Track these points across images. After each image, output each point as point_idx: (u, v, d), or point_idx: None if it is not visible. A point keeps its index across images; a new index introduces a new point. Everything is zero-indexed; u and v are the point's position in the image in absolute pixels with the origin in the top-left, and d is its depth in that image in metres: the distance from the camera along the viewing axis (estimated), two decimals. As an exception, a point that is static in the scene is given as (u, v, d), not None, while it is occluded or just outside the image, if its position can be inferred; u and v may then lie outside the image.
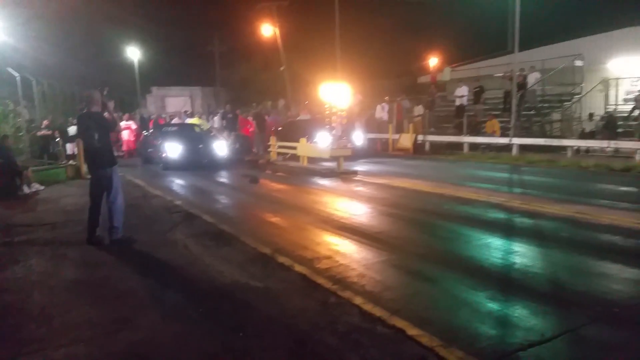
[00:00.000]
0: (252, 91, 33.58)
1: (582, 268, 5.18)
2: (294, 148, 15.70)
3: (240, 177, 13.34)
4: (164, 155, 14.87)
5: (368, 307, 4.11)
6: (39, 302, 4.53)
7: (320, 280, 4.80)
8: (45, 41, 22.74)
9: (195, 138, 16.26)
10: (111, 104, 6.48)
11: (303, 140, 15.31)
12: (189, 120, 21.14)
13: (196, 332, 3.83)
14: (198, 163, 14.77)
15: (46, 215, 8.39)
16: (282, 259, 5.50)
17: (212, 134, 18.76)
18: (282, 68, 30.26)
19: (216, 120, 22.80)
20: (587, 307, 4.05)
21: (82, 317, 4.12)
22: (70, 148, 17.59)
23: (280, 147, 16.92)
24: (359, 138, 18.97)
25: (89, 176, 6.63)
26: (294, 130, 17.46)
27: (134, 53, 31.30)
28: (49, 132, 18.26)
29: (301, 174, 13.82)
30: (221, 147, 15.70)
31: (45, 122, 18.67)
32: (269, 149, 17.62)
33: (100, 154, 6.22)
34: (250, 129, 20.08)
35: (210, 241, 6.42)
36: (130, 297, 4.55)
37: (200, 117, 24.20)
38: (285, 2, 29.24)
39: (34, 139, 18.36)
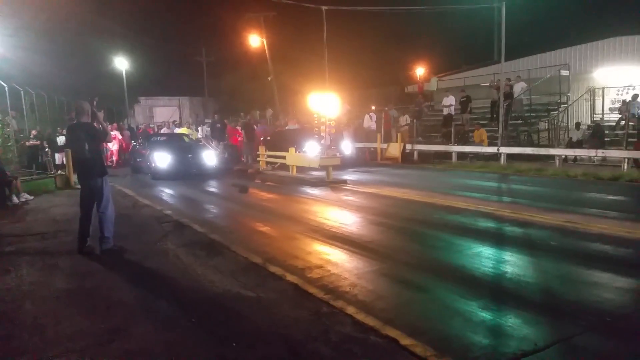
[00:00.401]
0: (240, 101, 33.65)
1: (573, 277, 5.23)
2: (283, 157, 15.73)
3: (230, 186, 13.33)
4: (153, 165, 14.86)
5: (360, 316, 4.12)
6: (31, 312, 4.48)
7: (312, 290, 4.80)
8: (33, 51, 22.58)
9: (184, 148, 16.30)
10: (101, 114, 6.46)
11: (292, 150, 15.33)
12: (178, 130, 21.10)
13: (189, 342, 3.80)
14: (187, 173, 14.79)
15: (36, 225, 8.28)
16: (273, 269, 5.49)
17: (201, 143, 18.77)
18: (269, 78, 30.39)
19: (204, 130, 22.75)
20: (579, 317, 4.09)
21: (75, 327, 4.08)
22: (58, 158, 17.45)
23: (269, 156, 16.93)
24: (347, 147, 19.06)
25: (78, 186, 6.59)
26: (283, 140, 17.50)
27: (122, 63, 31.21)
28: (38, 142, 18.10)
29: (290, 183, 13.83)
30: (210, 157, 15.68)
31: (33, 132, 18.50)
32: (258, 159, 17.63)
33: (91, 164, 6.19)
34: (239, 139, 20.08)
35: (201, 251, 6.39)
36: (122, 307, 4.52)
37: (189, 127, 24.17)
38: (272, 13, 29.45)
39: (22, 149, 18.16)
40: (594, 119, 19.12)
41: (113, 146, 20.39)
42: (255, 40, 29.78)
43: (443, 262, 5.82)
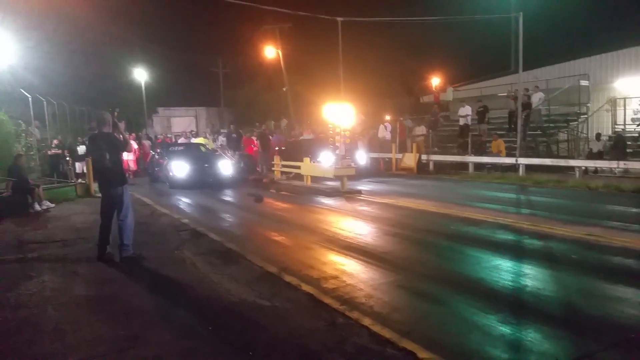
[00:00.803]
0: (256, 111, 33.92)
1: (595, 291, 5.11)
2: (298, 167, 15.78)
3: (245, 195, 13.40)
4: (170, 174, 15.09)
5: (377, 328, 4.09)
6: (53, 318, 4.56)
7: (328, 300, 4.79)
8: (55, 62, 23.15)
9: (201, 157, 16.51)
10: (122, 125, 6.58)
11: (307, 160, 15.38)
12: (195, 140, 21.34)
13: (205, 350, 3.82)
14: (204, 182, 14.97)
15: (57, 232, 8.45)
16: (288, 278, 5.50)
17: (217, 153, 18.94)
18: (284, 88, 30.59)
19: (221, 140, 22.96)
20: (602, 333, 4.00)
21: (94, 334, 4.14)
22: (79, 167, 17.76)
23: (283, 166, 17.00)
24: (362, 157, 19.05)
25: (98, 194, 6.70)
26: (298, 150, 17.58)
27: (141, 74, 31.74)
28: (59, 151, 18.46)
29: (305, 193, 13.85)
30: (226, 166, 15.87)
31: (55, 142, 18.89)
32: (273, 168, 17.71)
33: (112, 173, 6.30)
34: (254, 149, 20.22)
35: (217, 259, 6.43)
36: (140, 314, 4.57)
37: (205, 137, 24.41)
38: (288, 25, 29.72)
39: (44, 157, 18.56)
40: (615, 129, 18.81)
41: (129, 156, 20.63)
42: (270, 51, 30.06)
43: (461, 274, 5.74)
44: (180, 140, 22.59)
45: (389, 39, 35.35)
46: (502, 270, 5.81)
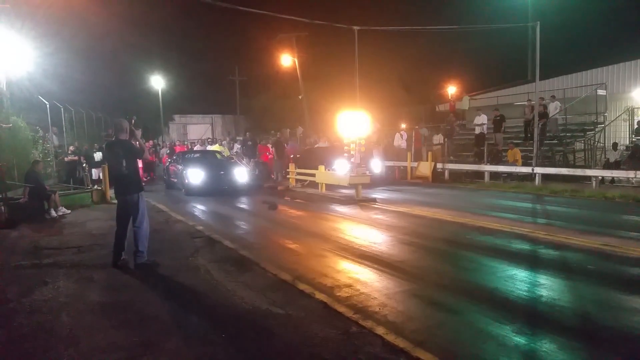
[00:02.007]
0: (272, 119, 34.12)
1: (611, 302, 5.04)
2: (313, 175, 15.80)
3: (260, 203, 13.45)
4: (186, 181, 15.11)
5: (391, 337, 4.07)
6: (67, 323, 4.60)
7: (341, 309, 4.78)
8: (72, 69, 23.56)
9: (216, 164, 16.53)
10: (139, 132, 6.67)
11: (321, 168, 15.40)
12: (211, 148, 21.53)
13: (219, 357, 3.84)
14: (219, 189, 15.01)
15: (73, 238, 8.56)
16: (302, 286, 5.50)
17: (232, 160, 19.09)
18: (300, 96, 30.76)
19: (236, 147, 23.14)
20: (618, 344, 3.95)
21: (108, 340, 4.17)
22: (95, 173, 18.00)
23: (298, 174, 17.04)
24: (377, 166, 19.02)
25: (114, 201, 6.78)
26: (313, 158, 17.63)
27: (158, 82, 32.19)
28: (76, 158, 18.74)
29: (319, 201, 13.85)
30: (242, 174, 15.86)
31: (71, 148, 19.18)
32: (288, 176, 17.77)
33: (128, 180, 6.38)
34: (269, 156, 20.33)
35: (232, 267, 6.46)
36: (154, 321, 4.60)
37: (221, 144, 24.62)
38: (304, 34, 29.94)
39: (61, 164, 18.85)
40: (633, 139, 18.53)
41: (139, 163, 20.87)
42: (287, 59, 30.29)
43: (476, 284, 5.70)
44: (196, 148, 22.78)
45: (405, 48, 35.37)
46: (517, 280, 5.74)
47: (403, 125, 23.91)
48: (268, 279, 5.91)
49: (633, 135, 17.67)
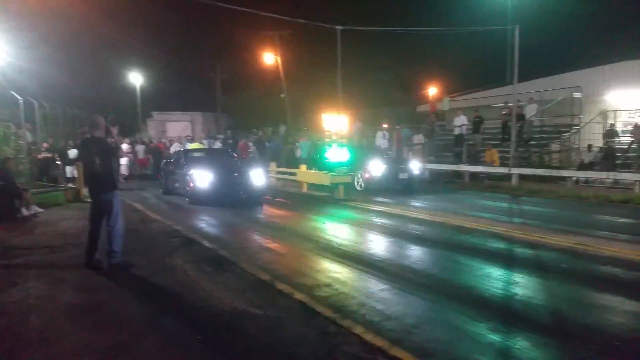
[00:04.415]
0: (253, 117, 33.92)
1: (583, 300, 5.16)
2: (294, 174, 15.77)
3: (239, 202, 13.33)
4: (191, 186, 12.39)
5: (368, 336, 4.06)
6: (37, 326, 4.47)
7: (320, 309, 4.75)
8: (49, 64, 23.08)
9: (229, 165, 13.65)
10: (115, 130, 6.54)
11: (303, 167, 15.39)
12: (189, 146, 21.12)
13: (195, 360, 3.78)
14: (233, 195, 12.40)
15: (44, 238, 8.34)
16: (281, 286, 5.45)
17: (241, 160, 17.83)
18: (282, 95, 30.67)
19: (217, 145, 22.89)
20: (589, 340, 4.02)
21: (80, 343, 4.07)
22: (69, 171, 17.61)
23: (280, 172, 16.98)
24: (416, 167, 16.10)
25: (88, 199, 6.62)
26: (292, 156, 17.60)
27: (136, 78, 31.69)
28: (49, 155, 18.31)
29: (300, 200, 13.82)
30: (259, 176, 12.98)
31: (45, 145, 18.74)
32: (269, 175, 17.69)
33: (102, 178, 6.23)
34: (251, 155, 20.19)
35: (209, 267, 6.38)
36: (128, 323, 4.50)
37: (201, 142, 24.35)
38: (287, 32, 29.84)
39: (34, 161, 18.39)
40: (607, 141, 18.96)
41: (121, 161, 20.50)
42: (269, 57, 30.14)
43: (453, 282, 5.75)
44: (174, 146, 22.35)
45: (387, 49, 35.58)
46: (493, 278, 5.82)
47: (385, 125, 24.03)
48: (246, 279, 5.85)
49: (606, 138, 18.05)
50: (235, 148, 20.72)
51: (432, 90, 30.36)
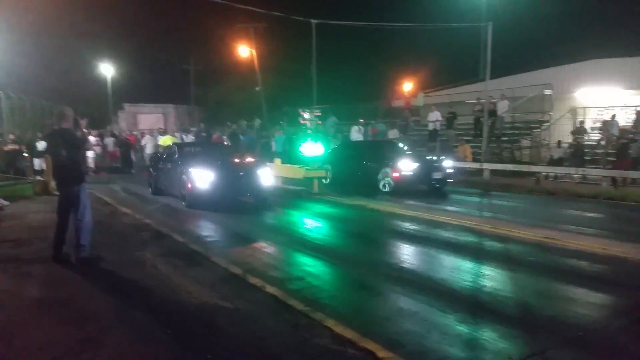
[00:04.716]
0: (228, 110, 33.60)
1: (549, 292, 5.28)
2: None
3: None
4: (189, 186, 10.68)
5: (339, 329, 4.09)
6: (1, 320, 4.36)
7: (292, 302, 4.75)
8: (17, 54, 22.35)
9: (232, 163, 11.93)
10: (84, 122, 6.37)
11: (277, 160, 15.31)
12: (161, 139, 20.69)
13: (164, 354, 3.74)
14: (238, 196, 11.27)
15: (10, 231, 8.10)
16: (253, 280, 5.43)
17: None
18: (257, 88, 30.43)
19: (190, 139, 22.57)
20: (553, 331, 4.13)
21: (45, 337, 3.98)
22: (38, 163, 17.14)
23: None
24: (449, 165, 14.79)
25: (57, 192, 6.46)
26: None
27: (107, 69, 30.98)
28: (16, 147, 17.78)
29: (274, 194, 13.76)
30: (267, 175, 11.46)
31: (11, 137, 18.19)
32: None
33: (69, 171, 6.08)
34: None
35: (180, 261, 6.30)
36: (96, 317, 4.42)
37: (174, 135, 23.99)
38: (262, 25, 29.58)
39: (0, 153, 17.83)
40: (577, 137, 19.47)
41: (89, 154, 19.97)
42: (244, 50, 29.84)
43: (423, 275, 5.82)
44: (145, 139, 21.88)
45: (363, 44, 35.70)
46: (463, 271, 5.92)
47: (361, 120, 24.11)
48: (218, 273, 5.81)
49: (575, 135, 18.53)
50: (209, 141, 20.49)
51: (407, 86, 30.57)
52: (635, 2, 26.35)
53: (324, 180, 14.43)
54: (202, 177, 10.50)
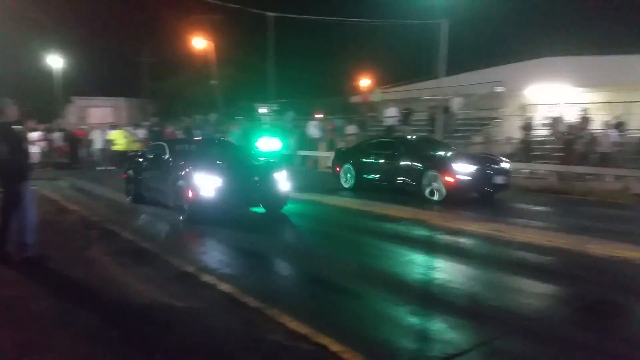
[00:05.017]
0: (183, 104, 32.90)
1: (497, 283, 5.48)
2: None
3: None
4: (191, 195, 8.26)
5: (293, 325, 4.08)
6: None
7: (246, 299, 4.70)
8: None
9: (245, 165, 9.48)
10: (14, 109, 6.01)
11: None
12: (112, 133, 19.88)
13: (109, 355, 3.62)
14: (251, 206, 9.24)
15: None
16: (206, 277, 5.34)
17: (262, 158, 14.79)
18: (213, 82, 29.92)
19: (142, 133, 21.88)
20: (500, 321, 4.28)
21: (-17, 342, 3.78)
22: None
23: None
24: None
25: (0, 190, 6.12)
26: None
27: (55, 61, 29.66)
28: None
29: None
30: (284, 179, 9.09)
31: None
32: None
33: (10, 167, 5.78)
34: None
35: (130, 259, 6.13)
36: (40, 319, 4.24)
37: (126, 130, 23.20)
38: (218, 16, 29.09)
39: None
40: (527, 134, 20.19)
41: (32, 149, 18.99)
42: (199, 42, 29.24)
43: (376, 269, 5.90)
44: (95, 134, 20.92)
45: (321, 39, 35.70)
46: (415, 264, 6.07)
47: (318, 115, 24.17)
48: (170, 271, 5.68)
49: (523, 131, 19.20)
50: (160, 136, 19.94)
51: (365, 82, 30.90)
52: (584, 4, 27.62)
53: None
54: (208, 183, 8.22)
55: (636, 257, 6.27)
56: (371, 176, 12.44)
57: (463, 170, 10.41)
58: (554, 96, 19.97)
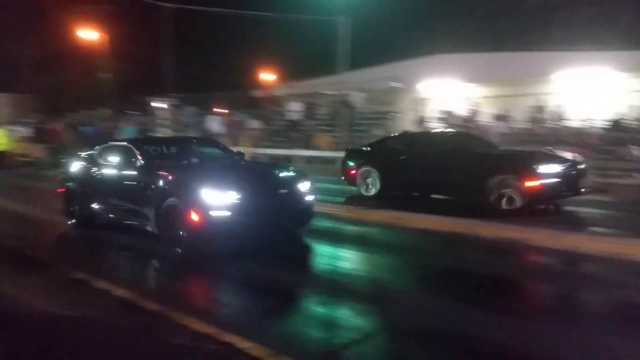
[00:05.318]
0: (71, 99, 30.47)
1: (397, 269, 5.75)
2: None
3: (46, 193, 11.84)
4: (196, 220, 5.75)
5: (198, 326, 3.92)
6: None
7: (145, 303, 4.45)
8: None
9: (261, 173, 7.23)
10: None
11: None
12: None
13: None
14: (277, 227, 6.65)
15: None
16: (99, 284, 4.96)
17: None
18: (102, 75, 28.07)
19: (24, 131, 19.83)
20: (400, 304, 4.49)
21: None
22: None
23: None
24: None
25: None
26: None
27: None
28: None
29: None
30: (308, 189, 6.78)
31: None
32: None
33: None
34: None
35: (13, 269, 5.56)
36: None
37: (6, 129, 20.83)
38: (108, 6, 27.33)
39: None
40: (424, 126, 21.38)
41: None
42: (87, 34, 27.21)
43: (283, 262, 5.90)
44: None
45: (223, 32, 34.88)
46: (323, 255, 6.17)
47: (217, 110, 23.62)
48: (59, 279, 5.23)
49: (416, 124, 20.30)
50: (44, 134, 18.26)
51: (268, 76, 30.79)
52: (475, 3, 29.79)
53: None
54: (220, 200, 5.77)
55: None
56: (405, 181, 10.13)
57: (548, 171, 8.31)
58: (446, 91, 21.35)
